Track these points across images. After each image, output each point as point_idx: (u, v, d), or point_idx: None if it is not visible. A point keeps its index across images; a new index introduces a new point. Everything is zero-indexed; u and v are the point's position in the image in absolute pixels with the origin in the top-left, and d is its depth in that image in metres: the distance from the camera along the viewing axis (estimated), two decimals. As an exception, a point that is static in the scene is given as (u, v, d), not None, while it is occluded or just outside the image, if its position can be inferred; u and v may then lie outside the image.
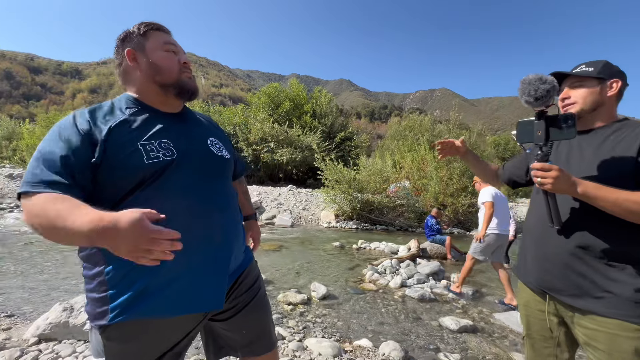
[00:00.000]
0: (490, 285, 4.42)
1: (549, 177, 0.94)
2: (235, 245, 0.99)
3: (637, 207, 0.86)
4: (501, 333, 2.92)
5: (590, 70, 1.06)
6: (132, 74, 0.91)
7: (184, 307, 0.85)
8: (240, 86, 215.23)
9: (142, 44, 0.90)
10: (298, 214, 10.93)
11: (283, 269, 4.69)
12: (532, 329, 1.17)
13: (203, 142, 0.97)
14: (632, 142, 0.95)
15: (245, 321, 1.04)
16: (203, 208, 0.89)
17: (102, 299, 0.80)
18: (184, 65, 0.93)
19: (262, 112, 20.96)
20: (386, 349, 2.33)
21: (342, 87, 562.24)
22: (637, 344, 0.89)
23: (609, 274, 0.94)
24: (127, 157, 0.79)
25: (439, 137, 13.34)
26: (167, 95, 0.92)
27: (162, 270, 0.81)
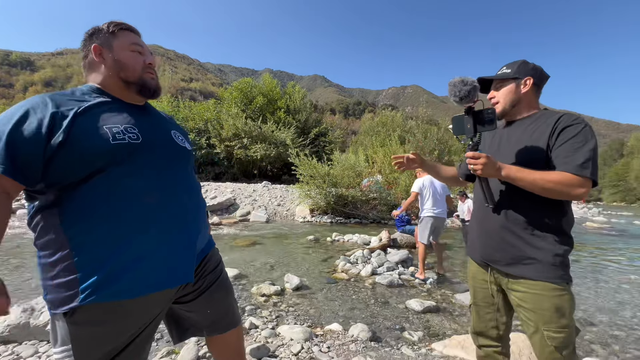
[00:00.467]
0: (453, 270, 4.74)
1: (479, 163, 1.07)
2: (201, 226, 1.05)
3: (549, 184, 1.02)
4: (461, 311, 3.17)
5: (508, 72, 1.22)
6: (97, 67, 0.96)
7: (158, 283, 0.88)
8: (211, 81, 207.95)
9: (110, 42, 0.95)
10: (273, 210, 10.92)
11: (257, 263, 4.72)
12: (477, 298, 1.32)
13: (166, 132, 1.02)
14: (544, 131, 1.11)
15: (210, 301, 1.09)
16: (174, 189, 0.94)
17: (69, 283, 0.80)
18: (148, 66, 0.99)
19: (234, 108, 20.49)
20: (355, 331, 2.47)
21: (316, 83, 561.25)
22: (555, 301, 1.05)
23: (534, 243, 1.10)
24: (93, 139, 0.81)
25: (410, 133, 13.83)
26: (130, 91, 0.97)
27: (134, 247, 0.84)
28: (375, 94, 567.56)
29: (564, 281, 1.07)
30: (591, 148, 1.02)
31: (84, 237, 0.81)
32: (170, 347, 2.04)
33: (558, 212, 1.10)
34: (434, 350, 2.27)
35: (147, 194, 0.87)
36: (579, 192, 1.01)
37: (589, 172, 1.01)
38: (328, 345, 2.23)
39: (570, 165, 1.02)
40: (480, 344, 1.33)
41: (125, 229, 0.84)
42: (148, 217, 0.87)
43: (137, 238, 0.85)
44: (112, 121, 0.87)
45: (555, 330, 1.06)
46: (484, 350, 1.31)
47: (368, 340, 2.37)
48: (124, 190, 0.84)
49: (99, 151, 0.81)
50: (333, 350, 2.17)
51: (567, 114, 1.11)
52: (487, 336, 1.30)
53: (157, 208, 0.89)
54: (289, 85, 24.80)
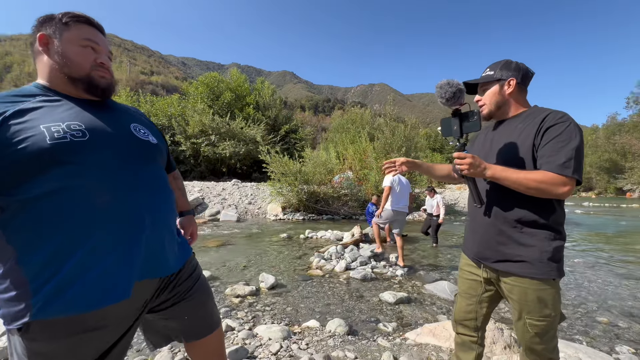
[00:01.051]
0: (422, 262, 4.97)
1: (465, 163, 1.10)
2: (169, 227, 0.98)
3: (532, 184, 1.04)
4: (431, 301, 3.34)
5: (491, 74, 1.23)
6: (41, 58, 0.88)
7: (114, 294, 0.81)
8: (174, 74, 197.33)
9: (60, 33, 0.86)
10: (244, 209, 10.69)
11: (230, 264, 4.61)
12: (462, 289, 1.39)
13: (124, 127, 0.93)
14: (531, 130, 1.13)
15: (187, 307, 1.04)
16: (132, 189, 0.86)
17: (20, 295, 0.73)
18: (99, 64, 0.90)
19: (200, 103, 19.67)
20: (332, 326, 2.51)
21: (285, 79, 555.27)
22: (538, 294, 1.12)
23: (523, 241, 1.13)
24: (26, 140, 0.73)
25: (378, 130, 14.17)
26: (77, 88, 0.89)
27: (83, 256, 0.77)
28: (344, 91, 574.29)
29: (550, 277, 1.11)
30: (574, 147, 1.04)
31: (30, 247, 0.74)
32: (142, 357, 1.94)
33: (547, 210, 1.12)
34: (407, 339, 2.37)
35: (96, 197, 0.79)
36: (562, 190, 1.03)
37: (570, 171, 1.02)
38: (307, 342, 2.24)
39: (552, 165, 1.04)
40: (458, 332, 1.41)
41: (72, 236, 0.77)
42: (98, 222, 0.79)
43: (85, 246, 0.77)
44: (52, 119, 0.79)
45: (537, 319, 1.13)
46: (461, 337, 1.39)
47: (345, 335, 2.42)
48: (69, 194, 0.77)
49: (34, 154, 0.73)
50: (312, 346, 2.19)
51: (553, 112, 1.13)
52: (465, 326, 1.37)
53: (108, 211, 0.81)
54: (258, 81, 24.31)
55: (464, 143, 1.20)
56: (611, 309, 3.19)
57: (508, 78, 1.22)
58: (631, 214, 14.96)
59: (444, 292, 3.50)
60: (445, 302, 3.31)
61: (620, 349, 2.39)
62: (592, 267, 4.87)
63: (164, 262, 0.95)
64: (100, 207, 0.80)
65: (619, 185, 35.84)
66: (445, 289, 3.57)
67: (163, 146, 1.07)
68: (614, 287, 3.95)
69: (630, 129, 39.08)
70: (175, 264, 1.00)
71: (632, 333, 2.69)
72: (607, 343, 2.51)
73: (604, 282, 4.12)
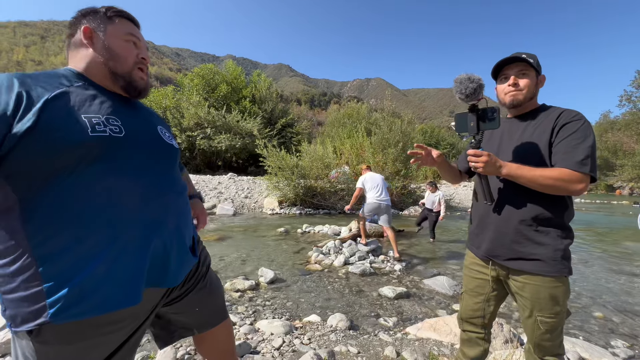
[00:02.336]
0: (420, 257, 5.01)
1: (480, 161, 1.08)
2: (188, 229, 0.98)
3: (547, 181, 1.04)
4: (429, 295, 3.37)
5: (532, 62, 1.17)
6: (82, 51, 0.86)
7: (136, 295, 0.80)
8: (168, 65, 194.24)
9: (104, 26, 0.86)
10: (240, 203, 10.64)
11: (228, 258, 4.59)
12: (469, 287, 1.38)
13: (153, 128, 0.93)
14: (547, 127, 1.13)
15: (198, 299, 1.03)
16: (159, 191, 0.85)
17: (34, 296, 0.69)
18: (141, 60, 0.91)
19: (196, 96, 19.41)
20: (333, 321, 2.52)
21: (281, 72, 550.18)
22: (551, 291, 1.13)
23: (536, 239, 1.12)
24: (69, 129, 0.71)
25: (375, 125, 14.14)
26: (115, 84, 0.88)
27: (110, 256, 0.75)
28: (341, 85, 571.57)
29: (562, 274, 1.12)
30: (590, 144, 1.05)
31: (50, 243, 0.70)
32: (146, 352, 1.92)
33: (560, 207, 1.12)
34: (408, 334, 2.39)
35: (126, 196, 0.77)
36: (578, 187, 1.03)
37: (588, 168, 1.03)
38: (309, 337, 2.25)
39: (569, 162, 1.04)
40: (464, 329, 1.41)
41: (98, 235, 0.74)
42: (127, 221, 0.77)
43: (113, 245, 0.75)
44: (92, 110, 0.77)
45: (548, 316, 1.14)
46: (468, 334, 1.39)
47: (347, 329, 2.43)
48: (99, 190, 0.74)
49: (74, 143, 0.70)
50: (314, 341, 2.20)
51: (567, 111, 1.13)
52: (472, 323, 1.37)
53: (137, 212, 0.79)
54: (255, 73, 24.05)
55: (479, 140, 1.16)
56: (605, 304, 3.26)
57: (541, 74, 1.21)
58: (621, 211, 15.25)
59: (442, 287, 3.53)
60: (444, 296, 3.34)
61: (615, 343, 2.44)
62: (586, 263, 4.96)
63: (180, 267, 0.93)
64: (129, 207, 0.78)
65: (610, 182, 36.47)
66: (443, 283, 3.60)
67: (179, 150, 1.07)
68: (607, 282, 4.03)
69: (622, 127, 39.64)
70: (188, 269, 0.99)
71: (626, 328, 2.75)
72: (602, 337, 2.57)
73: (598, 278, 4.20)
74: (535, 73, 1.19)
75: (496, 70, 1.24)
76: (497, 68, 1.23)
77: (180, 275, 0.94)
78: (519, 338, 2.25)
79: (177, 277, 0.92)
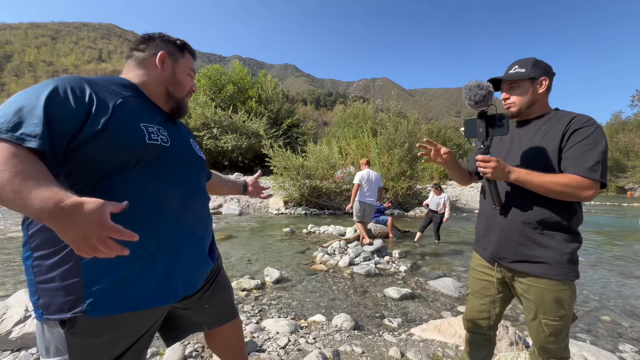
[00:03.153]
0: (425, 259, 5.00)
1: (489, 167, 1.09)
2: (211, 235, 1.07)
3: (556, 187, 1.05)
4: (434, 297, 3.37)
5: (522, 72, 1.19)
6: (150, 70, 0.94)
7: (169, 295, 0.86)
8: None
9: (176, 57, 0.98)
10: (246, 202, 10.72)
11: (234, 257, 4.64)
12: (474, 288, 1.38)
13: (188, 141, 1.02)
14: (557, 132, 1.12)
15: (208, 296, 1.08)
16: (193, 199, 0.93)
17: (71, 287, 0.72)
18: (192, 91, 1.03)
19: (203, 96, 19.59)
20: (338, 321, 2.54)
21: (287, 72, 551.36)
22: (556, 294, 1.13)
23: (543, 242, 1.13)
24: (130, 134, 0.78)
25: (381, 125, 14.10)
26: (166, 104, 0.97)
27: (150, 256, 0.80)
28: (346, 85, 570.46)
29: (568, 278, 1.12)
30: (601, 151, 1.04)
31: None
32: (155, 349, 1.96)
33: (569, 212, 1.12)
34: (413, 335, 2.40)
35: (169, 201, 0.85)
36: (587, 194, 1.03)
37: (598, 174, 1.02)
38: (314, 336, 2.27)
39: (580, 168, 1.04)
40: (470, 330, 1.42)
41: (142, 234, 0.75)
42: (167, 224, 0.85)
43: (152, 246, 0.81)
44: (148, 120, 0.86)
45: (553, 319, 1.15)
46: (473, 336, 1.40)
47: (351, 329, 2.45)
48: (148, 192, 0.81)
49: (134, 148, 0.78)
50: (319, 341, 2.22)
51: (579, 116, 1.12)
52: (477, 325, 1.38)
53: (176, 216, 0.87)
54: (261, 74, 24.17)
55: (488, 145, 1.17)
56: (614, 308, 3.22)
57: (540, 77, 1.19)
58: (632, 213, 14.96)
59: (447, 289, 3.52)
60: (449, 298, 3.34)
61: (624, 348, 2.42)
62: (594, 266, 4.89)
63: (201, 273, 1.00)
64: (170, 213, 0.85)
65: (621, 184, 35.77)
66: (448, 285, 3.59)
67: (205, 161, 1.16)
68: (616, 285, 3.97)
69: (634, 127, 38.87)
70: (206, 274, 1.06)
71: (635, 332, 2.71)
72: (610, 342, 2.54)
73: (606, 281, 4.14)
74: (528, 81, 1.19)
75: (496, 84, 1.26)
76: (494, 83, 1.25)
77: (200, 281, 1.00)
78: (524, 341, 2.24)
79: (198, 283, 0.99)
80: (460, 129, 1.33)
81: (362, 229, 5.45)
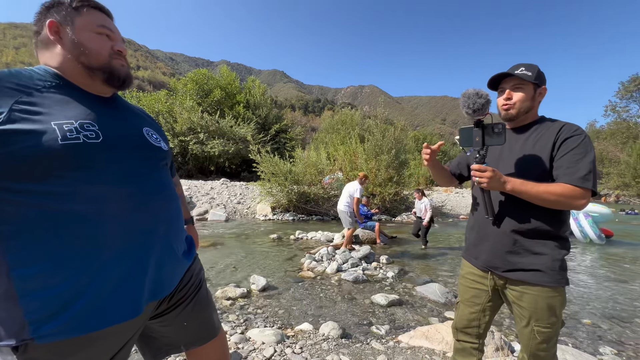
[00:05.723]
0: (411, 264, 5.02)
1: (485, 177, 1.09)
2: (178, 237, 0.95)
3: (551, 197, 1.06)
4: (422, 303, 3.37)
5: (530, 75, 1.17)
6: (51, 48, 0.80)
7: (125, 312, 0.77)
8: (161, 70, 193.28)
9: (71, 19, 0.79)
10: (232, 208, 10.55)
11: (219, 265, 4.53)
12: (464, 297, 1.38)
13: (137, 130, 0.88)
14: (548, 141, 1.14)
15: (187, 312, 0.99)
16: (145, 199, 0.81)
17: (12, 314, 0.66)
18: (117, 52, 0.84)
19: (189, 100, 19.32)
20: (326, 329, 2.50)
21: (275, 78, 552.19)
22: (549, 301, 1.14)
23: (534, 249, 1.14)
24: (36, 138, 0.66)
25: (368, 132, 14.26)
26: (94, 79, 0.81)
27: (93, 271, 0.71)
28: (334, 92, 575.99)
29: (560, 285, 1.14)
30: (591, 160, 1.07)
31: (28, 260, 0.67)
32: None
33: (559, 220, 1.14)
34: (401, 342, 2.38)
35: (107, 206, 0.73)
36: (580, 203, 1.05)
37: (590, 183, 1.04)
38: (300, 346, 2.22)
39: (572, 177, 1.06)
40: (459, 339, 1.41)
41: (82, 249, 0.70)
42: (112, 232, 0.74)
43: (95, 259, 0.72)
44: (64, 116, 0.71)
45: (544, 326, 1.15)
46: (462, 344, 1.39)
47: (339, 338, 2.41)
48: (77, 200, 0.70)
49: (43, 153, 0.66)
50: (306, 350, 2.17)
51: (568, 125, 1.14)
52: (467, 333, 1.37)
53: (123, 222, 0.76)
54: (249, 79, 24.09)
55: (484, 155, 1.16)
56: (593, 311, 3.31)
57: (542, 85, 1.20)
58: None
59: (434, 295, 3.54)
60: (436, 304, 3.35)
61: (604, 350, 2.47)
62: (573, 270, 5.03)
63: (171, 277, 0.91)
64: (112, 217, 0.74)
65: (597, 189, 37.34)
66: (435, 291, 3.61)
67: (170, 152, 1.02)
68: (595, 289, 4.09)
69: (608, 136, 40.79)
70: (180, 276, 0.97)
71: (614, 334, 2.79)
72: (591, 344, 2.60)
73: (585, 285, 4.26)
74: (532, 86, 1.19)
75: (495, 83, 1.26)
76: (494, 81, 1.24)
77: (173, 282, 0.91)
78: (510, 345, 2.27)
79: (170, 285, 0.90)
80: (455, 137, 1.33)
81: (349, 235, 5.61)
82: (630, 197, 30.90)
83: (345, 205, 5.53)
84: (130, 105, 0.98)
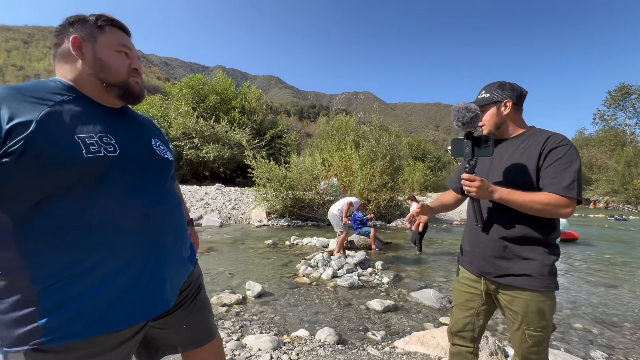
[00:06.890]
0: (406, 270, 5.05)
1: (474, 186, 1.14)
2: (183, 245, 0.97)
3: (538, 206, 1.11)
4: (417, 308, 3.40)
5: (487, 96, 1.28)
6: (72, 62, 0.82)
7: (134, 316, 0.80)
8: (156, 74, 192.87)
9: (95, 36, 0.83)
10: (227, 214, 10.50)
11: (214, 271, 4.50)
12: (459, 301, 1.41)
13: (147, 142, 0.92)
14: (534, 151, 1.18)
15: (186, 315, 1.02)
16: (153, 209, 0.84)
17: (26, 318, 0.68)
18: (134, 70, 0.88)
19: (184, 105, 19.27)
20: (322, 336, 2.50)
21: (271, 84, 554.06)
22: (539, 305, 1.18)
23: (524, 254, 1.18)
24: (62, 151, 0.69)
25: (363, 138, 14.39)
26: (109, 94, 0.85)
27: (106, 278, 0.75)
28: (329, 98, 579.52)
29: (550, 289, 1.18)
30: (576, 169, 1.10)
31: (46, 265, 0.69)
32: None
33: (548, 227, 1.19)
34: (396, 348, 2.40)
35: (121, 217, 0.77)
36: (565, 211, 1.10)
37: (575, 192, 1.08)
38: (297, 352, 2.22)
39: (557, 187, 1.09)
40: (454, 342, 1.43)
41: (96, 257, 0.73)
42: (124, 242, 0.77)
43: (109, 267, 0.75)
44: (86, 130, 0.74)
45: (535, 330, 1.19)
46: (457, 348, 1.42)
47: (335, 344, 2.41)
48: (96, 211, 0.73)
49: (68, 166, 0.69)
50: (302, 357, 2.17)
51: (554, 135, 1.19)
52: (462, 337, 1.40)
53: (135, 232, 0.79)
54: (245, 85, 24.14)
55: (473, 165, 1.20)
56: (584, 316, 3.36)
57: (504, 99, 1.27)
58: (597, 223, 15.86)
59: (429, 300, 3.56)
60: (431, 309, 3.37)
61: (595, 354, 2.52)
62: (564, 275, 5.11)
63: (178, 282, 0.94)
64: (126, 228, 0.77)
65: (586, 196, 37.99)
66: (430, 296, 3.64)
67: (175, 162, 1.06)
68: (586, 294, 4.16)
69: (597, 143, 41.69)
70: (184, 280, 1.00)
71: (605, 339, 2.84)
72: (582, 349, 2.64)
73: (577, 290, 4.34)
74: (493, 105, 1.28)
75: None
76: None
77: (177, 287, 0.93)
78: (504, 350, 2.30)
79: (174, 293, 0.92)
80: (447, 147, 1.38)
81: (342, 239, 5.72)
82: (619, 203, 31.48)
83: (338, 209, 5.75)
84: (138, 115, 1.02)
